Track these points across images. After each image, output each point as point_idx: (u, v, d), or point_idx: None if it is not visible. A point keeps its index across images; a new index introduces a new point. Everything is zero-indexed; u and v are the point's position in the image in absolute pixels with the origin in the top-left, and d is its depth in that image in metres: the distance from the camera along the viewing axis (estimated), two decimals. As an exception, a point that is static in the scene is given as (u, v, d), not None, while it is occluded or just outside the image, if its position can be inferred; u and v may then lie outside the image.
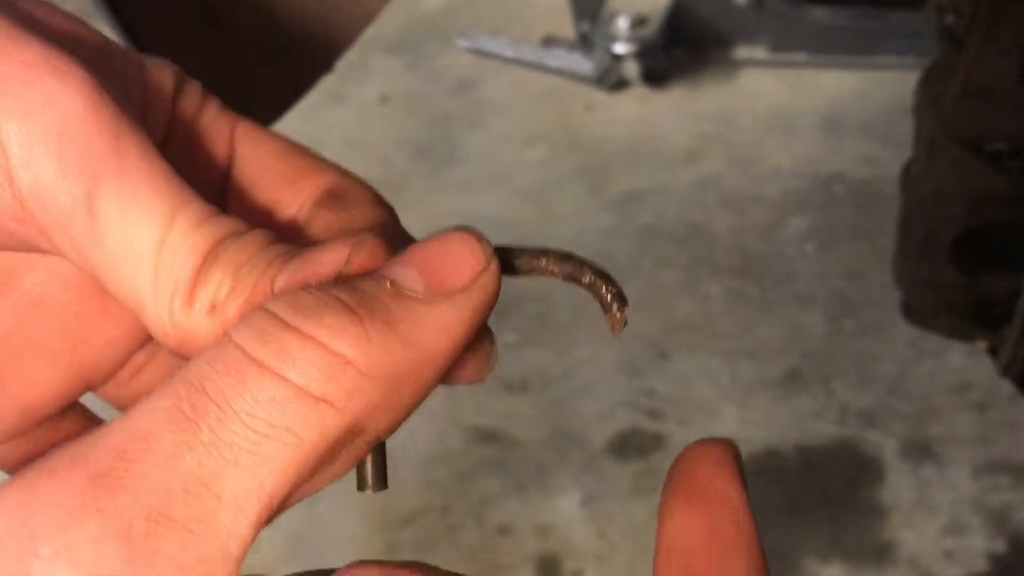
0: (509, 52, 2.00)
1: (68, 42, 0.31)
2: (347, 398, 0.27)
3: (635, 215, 1.81)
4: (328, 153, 0.39)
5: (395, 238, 0.33)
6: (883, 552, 1.40)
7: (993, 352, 0.85)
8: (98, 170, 0.29)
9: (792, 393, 1.56)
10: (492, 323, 0.35)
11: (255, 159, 0.35)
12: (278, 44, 0.92)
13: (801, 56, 1.93)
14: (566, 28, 1.98)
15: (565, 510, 1.48)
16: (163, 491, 0.26)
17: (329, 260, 0.29)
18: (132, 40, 0.84)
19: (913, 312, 0.87)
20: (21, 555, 0.25)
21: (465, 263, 0.30)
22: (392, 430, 0.30)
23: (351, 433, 0.28)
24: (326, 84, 1.94)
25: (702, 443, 0.32)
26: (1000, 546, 1.39)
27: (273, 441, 0.26)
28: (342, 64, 0.98)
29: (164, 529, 0.26)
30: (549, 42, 2.01)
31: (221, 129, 0.35)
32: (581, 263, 0.31)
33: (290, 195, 0.35)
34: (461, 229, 0.31)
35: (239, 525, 0.27)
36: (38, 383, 0.34)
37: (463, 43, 2.06)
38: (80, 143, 0.29)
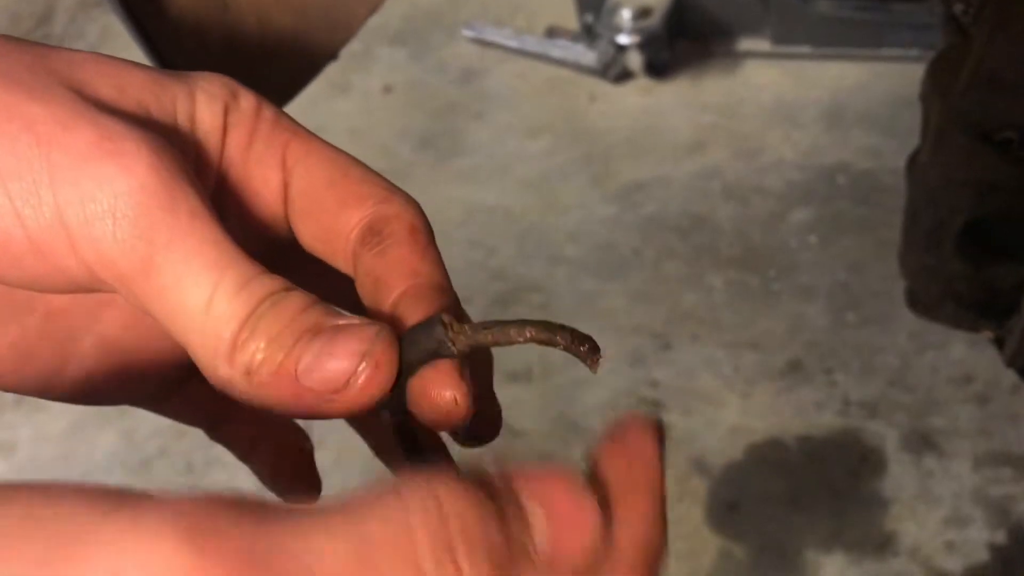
0: (513, 43, 2.00)
1: (121, 111, 0.35)
2: None
3: (638, 206, 1.81)
4: (332, 143, 0.40)
5: (425, 290, 0.36)
6: (885, 543, 1.41)
7: (998, 343, 0.85)
8: (152, 241, 0.33)
9: (794, 384, 1.56)
10: (494, 314, 0.37)
11: (308, 184, 0.38)
12: (283, 33, 0.92)
13: (805, 48, 1.93)
14: (570, 19, 1.97)
15: (567, 500, 1.48)
16: None
17: (339, 371, 0.33)
18: (138, 29, 0.84)
19: (918, 302, 0.87)
20: None
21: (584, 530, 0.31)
22: None
23: None
24: (330, 74, 1.94)
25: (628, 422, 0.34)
26: (1001, 538, 1.39)
27: None
28: (346, 54, 0.98)
29: None
30: (553, 33, 2.01)
31: (274, 153, 0.38)
32: (553, 331, 0.35)
33: (340, 224, 0.38)
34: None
35: None
36: (164, 353, 0.39)
37: (467, 33, 2.06)
38: (132, 219, 0.33)
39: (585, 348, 0.35)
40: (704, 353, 1.61)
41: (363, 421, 0.42)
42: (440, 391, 0.35)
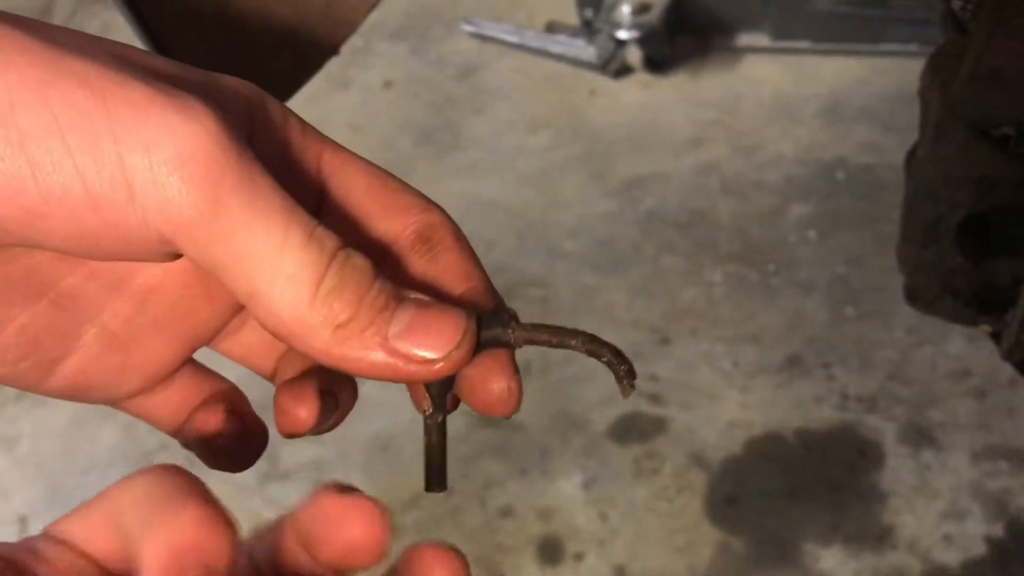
0: (513, 38, 2.01)
1: (170, 80, 0.35)
2: None
3: (638, 201, 1.81)
4: (333, 137, 0.41)
5: (481, 292, 0.40)
6: (883, 536, 1.41)
7: (996, 337, 0.85)
8: (221, 183, 0.33)
9: (793, 378, 1.57)
10: None
11: (347, 191, 0.40)
12: (284, 29, 0.92)
13: (804, 43, 1.94)
14: (569, 14, 1.98)
15: (567, 493, 1.49)
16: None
17: (440, 343, 0.36)
18: (140, 25, 0.84)
19: (916, 297, 0.88)
20: None
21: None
22: None
23: None
24: (330, 69, 1.95)
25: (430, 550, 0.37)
26: (998, 531, 1.40)
27: None
28: (346, 49, 0.98)
29: None
30: (552, 28, 2.01)
31: (310, 156, 0.40)
32: (603, 344, 0.39)
33: (383, 229, 0.40)
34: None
35: None
36: (156, 353, 0.41)
37: (467, 29, 2.06)
38: (201, 162, 0.33)
39: (625, 368, 0.39)
40: (703, 348, 1.62)
41: None
42: (498, 381, 0.39)
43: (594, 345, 0.38)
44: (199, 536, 0.33)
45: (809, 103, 1.91)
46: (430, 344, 0.36)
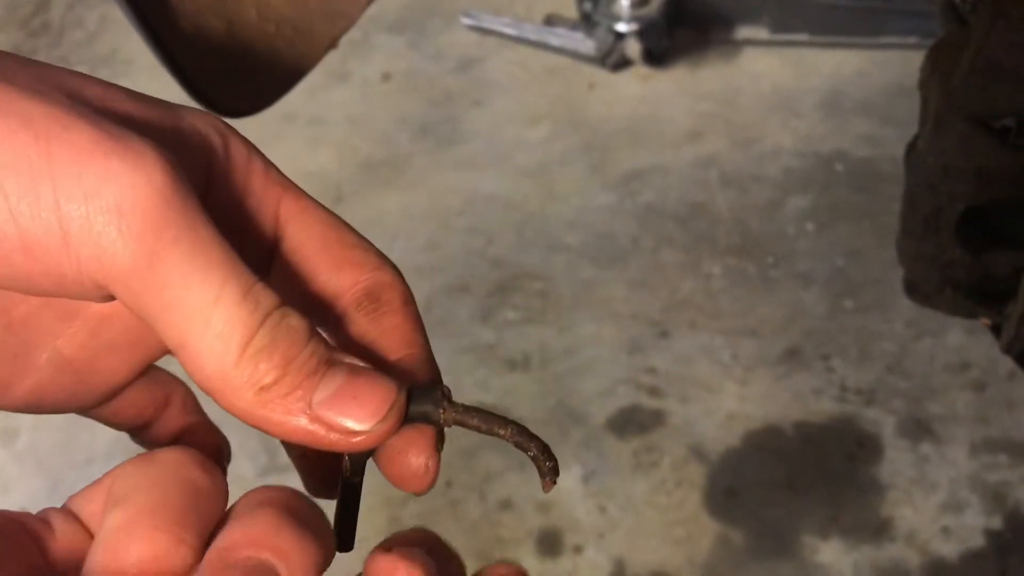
0: (511, 31, 2.00)
1: (125, 120, 0.35)
2: None
3: (637, 194, 1.81)
4: (331, 131, 0.40)
5: (420, 361, 0.39)
6: (881, 528, 1.42)
7: (995, 329, 0.86)
8: (159, 235, 0.33)
9: (792, 371, 1.57)
10: (495, 301, 0.39)
11: (301, 241, 0.39)
12: (282, 22, 0.92)
13: (803, 36, 1.94)
14: (568, 7, 1.97)
15: (566, 486, 1.49)
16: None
17: (364, 414, 0.35)
18: (138, 17, 0.84)
19: (916, 289, 0.88)
20: None
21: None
22: None
23: None
24: (329, 62, 1.94)
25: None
26: (997, 523, 1.40)
27: None
28: (345, 42, 0.98)
29: None
30: (551, 21, 2.01)
31: (268, 202, 0.39)
32: (531, 438, 0.38)
33: (332, 283, 0.40)
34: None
35: None
36: (110, 373, 0.40)
37: (465, 21, 2.06)
38: (140, 213, 0.33)
39: (549, 465, 0.38)
40: (702, 340, 1.62)
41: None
42: (417, 455, 0.38)
43: (522, 438, 0.38)
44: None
45: (808, 96, 1.91)
46: (354, 414, 0.35)
